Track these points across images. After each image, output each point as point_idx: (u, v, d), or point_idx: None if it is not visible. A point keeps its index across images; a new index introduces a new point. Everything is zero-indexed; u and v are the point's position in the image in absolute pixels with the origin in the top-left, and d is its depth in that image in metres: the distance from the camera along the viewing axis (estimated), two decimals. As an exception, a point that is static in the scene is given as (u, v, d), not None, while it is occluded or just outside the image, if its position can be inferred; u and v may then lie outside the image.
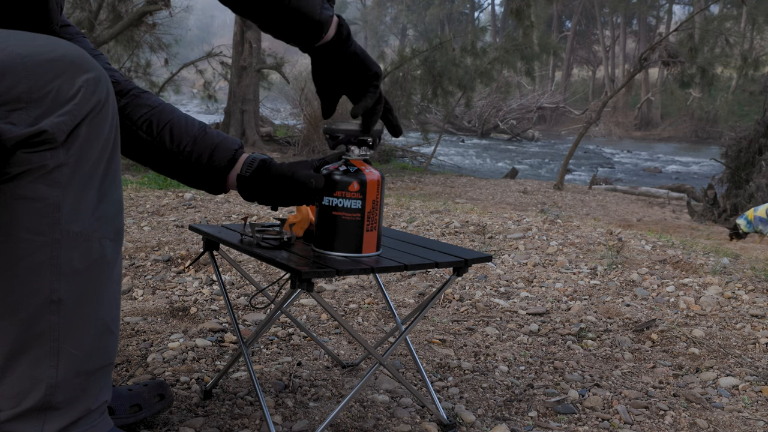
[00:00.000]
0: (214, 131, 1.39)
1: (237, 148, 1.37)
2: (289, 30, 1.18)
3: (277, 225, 1.50)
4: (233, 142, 1.38)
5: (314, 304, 2.43)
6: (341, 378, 1.79)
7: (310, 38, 1.20)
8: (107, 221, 1.04)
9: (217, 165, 1.35)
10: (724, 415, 1.71)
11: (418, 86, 13.55)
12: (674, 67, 11.62)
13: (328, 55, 1.23)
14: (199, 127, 1.36)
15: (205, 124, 1.40)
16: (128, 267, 2.86)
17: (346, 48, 1.23)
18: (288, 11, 1.14)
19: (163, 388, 1.47)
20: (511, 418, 1.63)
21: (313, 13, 1.16)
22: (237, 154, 1.37)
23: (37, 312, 0.99)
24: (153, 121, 1.33)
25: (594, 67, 41.73)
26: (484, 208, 5.66)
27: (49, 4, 1.10)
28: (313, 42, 1.21)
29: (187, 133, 1.34)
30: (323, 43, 1.21)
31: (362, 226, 1.29)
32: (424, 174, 11.93)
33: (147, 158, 1.37)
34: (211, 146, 1.35)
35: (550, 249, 3.55)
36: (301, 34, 1.19)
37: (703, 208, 8.84)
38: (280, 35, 1.20)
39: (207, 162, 1.34)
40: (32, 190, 0.95)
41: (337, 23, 1.22)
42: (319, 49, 1.22)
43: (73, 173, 0.98)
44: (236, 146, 1.37)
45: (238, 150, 1.37)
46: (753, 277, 3.14)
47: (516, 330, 2.31)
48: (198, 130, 1.36)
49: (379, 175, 1.31)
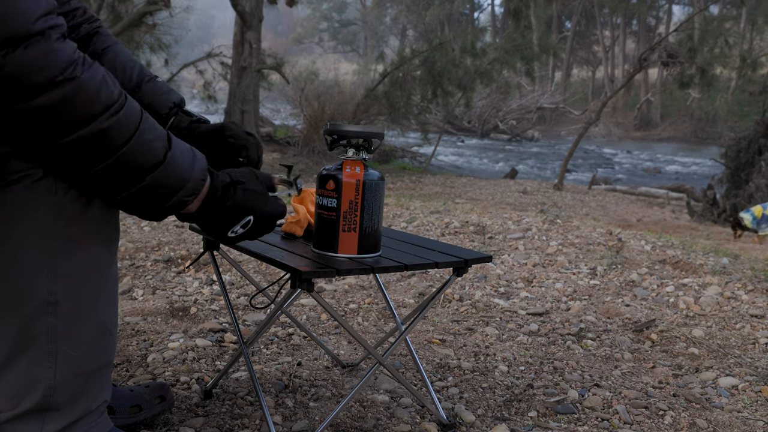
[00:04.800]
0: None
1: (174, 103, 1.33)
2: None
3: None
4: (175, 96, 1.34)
5: (314, 304, 2.43)
6: (341, 378, 1.79)
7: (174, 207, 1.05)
8: (103, 223, 1.04)
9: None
10: (723, 415, 1.71)
11: (418, 86, 13.53)
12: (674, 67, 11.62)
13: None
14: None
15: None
16: (128, 267, 2.86)
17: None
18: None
19: (164, 389, 1.47)
20: (511, 418, 1.63)
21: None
22: (171, 111, 1.32)
23: (35, 314, 0.99)
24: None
25: (594, 68, 41.73)
26: (483, 209, 5.67)
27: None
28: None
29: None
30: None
31: (337, 225, 1.30)
32: (424, 174, 11.93)
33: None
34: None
35: (549, 249, 3.55)
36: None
37: (703, 208, 8.83)
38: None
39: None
40: (29, 194, 0.96)
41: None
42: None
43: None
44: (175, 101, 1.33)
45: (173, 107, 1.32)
46: (753, 277, 3.14)
47: (516, 330, 2.32)
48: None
49: (361, 178, 1.30)
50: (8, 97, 0.84)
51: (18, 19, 0.82)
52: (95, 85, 0.90)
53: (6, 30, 0.82)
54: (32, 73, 0.84)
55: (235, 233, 1.14)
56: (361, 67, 41.29)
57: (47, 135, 0.88)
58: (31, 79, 0.84)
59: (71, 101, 0.87)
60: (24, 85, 0.84)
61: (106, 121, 0.91)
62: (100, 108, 0.90)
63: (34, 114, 0.86)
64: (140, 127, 0.95)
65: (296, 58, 27.40)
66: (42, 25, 0.85)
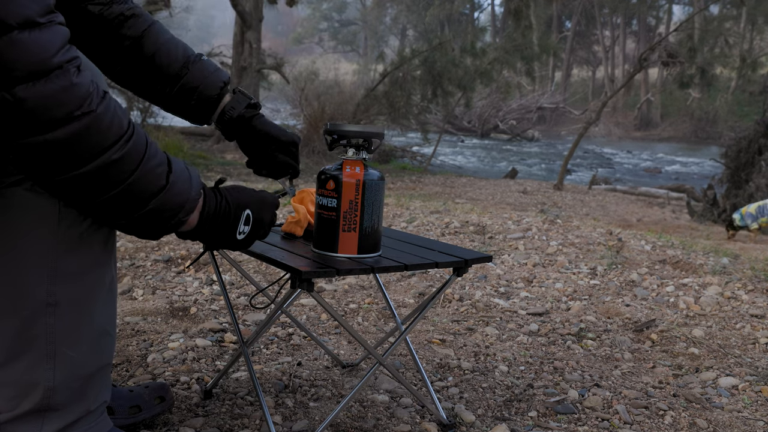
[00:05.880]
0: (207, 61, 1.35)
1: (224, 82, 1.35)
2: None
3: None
4: (223, 74, 1.35)
5: (314, 304, 2.43)
6: (341, 378, 1.79)
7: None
8: (102, 225, 1.04)
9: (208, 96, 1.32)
10: (723, 415, 1.71)
11: (417, 86, 13.54)
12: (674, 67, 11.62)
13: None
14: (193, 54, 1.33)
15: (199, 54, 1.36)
16: (128, 267, 2.86)
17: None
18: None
19: (164, 390, 1.47)
20: (511, 418, 1.63)
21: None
22: (223, 90, 1.34)
23: (34, 314, 0.99)
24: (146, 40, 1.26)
25: (594, 68, 41.74)
26: (484, 208, 5.67)
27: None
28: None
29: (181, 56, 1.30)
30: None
31: (337, 225, 1.30)
32: (424, 174, 11.93)
33: (135, 81, 1.30)
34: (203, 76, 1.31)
35: (549, 249, 3.55)
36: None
37: (703, 208, 8.83)
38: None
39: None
40: (29, 196, 0.96)
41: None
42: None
43: None
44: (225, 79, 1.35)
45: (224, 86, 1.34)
46: (753, 277, 3.14)
47: (516, 330, 2.31)
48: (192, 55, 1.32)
49: (361, 178, 1.30)
50: (25, 130, 0.84)
51: (38, 53, 0.82)
52: (109, 118, 0.90)
53: (28, 64, 0.81)
54: (51, 108, 0.84)
55: (244, 233, 1.14)
56: (361, 67, 41.30)
57: (59, 167, 0.88)
58: (50, 113, 0.84)
59: (87, 135, 0.88)
60: (42, 119, 0.84)
61: (117, 153, 0.91)
62: (113, 139, 0.90)
63: (48, 147, 0.86)
64: (146, 154, 0.95)
65: (296, 58, 27.41)
66: (61, 58, 0.85)
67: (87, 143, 0.88)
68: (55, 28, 0.85)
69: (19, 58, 0.80)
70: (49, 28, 0.84)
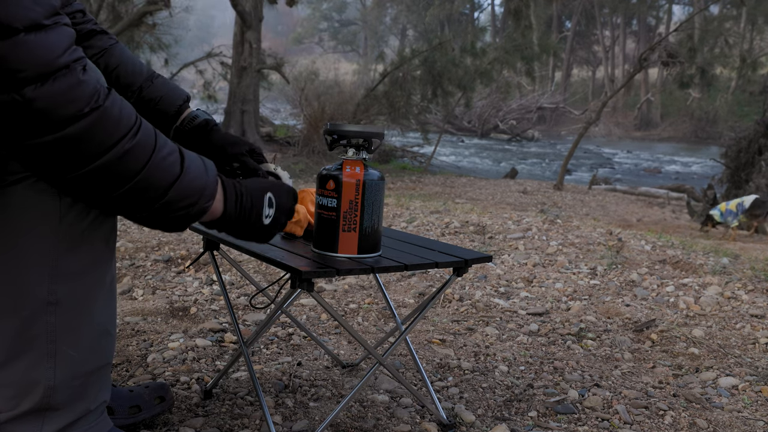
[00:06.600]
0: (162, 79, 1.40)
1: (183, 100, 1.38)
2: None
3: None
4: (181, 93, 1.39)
5: (314, 304, 2.43)
6: (341, 378, 1.79)
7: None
8: (103, 223, 1.04)
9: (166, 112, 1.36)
10: (723, 415, 1.71)
11: (417, 86, 13.54)
12: (674, 67, 11.62)
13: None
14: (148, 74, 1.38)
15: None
16: (128, 267, 2.86)
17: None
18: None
19: (164, 390, 1.47)
20: (511, 418, 1.63)
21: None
22: (182, 107, 1.38)
23: (35, 313, 0.99)
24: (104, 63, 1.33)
25: (594, 68, 41.73)
26: (484, 208, 5.67)
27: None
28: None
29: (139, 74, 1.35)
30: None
31: (337, 225, 1.30)
32: (424, 174, 11.94)
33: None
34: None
35: (549, 249, 3.55)
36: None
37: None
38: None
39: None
40: (29, 195, 0.96)
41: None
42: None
43: None
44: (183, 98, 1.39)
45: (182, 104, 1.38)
46: (753, 277, 3.14)
47: (516, 330, 2.31)
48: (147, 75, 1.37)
49: (361, 178, 1.30)
50: (36, 130, 0.85)
51: (45, 54, 0.83)
52: (117, 111, 0.91)
53: (35, 65, 0.82)
54: (61, 107, 0.85)
55: (270, 216, 1.15)
56: (361, 67, 41.30)
57: (73, 164, 0.89)
58: (60, 112, 0.85)
59: (97, 130, 0.88)
60: (52, 118, 0.85)
61: (128, 144, 0.92)
62: (123, 132, 0.91)
63: (60, 145, 0.87)
64: (157, 144, 0.96)
65: (296, 58, 27.41)
66: (68, 58, 0.86)
67: (98, 138, 0.89)
68: (61, 29, 0.86)
69: (26, 60, 0.81)
70: (54, 30, 0.85)
